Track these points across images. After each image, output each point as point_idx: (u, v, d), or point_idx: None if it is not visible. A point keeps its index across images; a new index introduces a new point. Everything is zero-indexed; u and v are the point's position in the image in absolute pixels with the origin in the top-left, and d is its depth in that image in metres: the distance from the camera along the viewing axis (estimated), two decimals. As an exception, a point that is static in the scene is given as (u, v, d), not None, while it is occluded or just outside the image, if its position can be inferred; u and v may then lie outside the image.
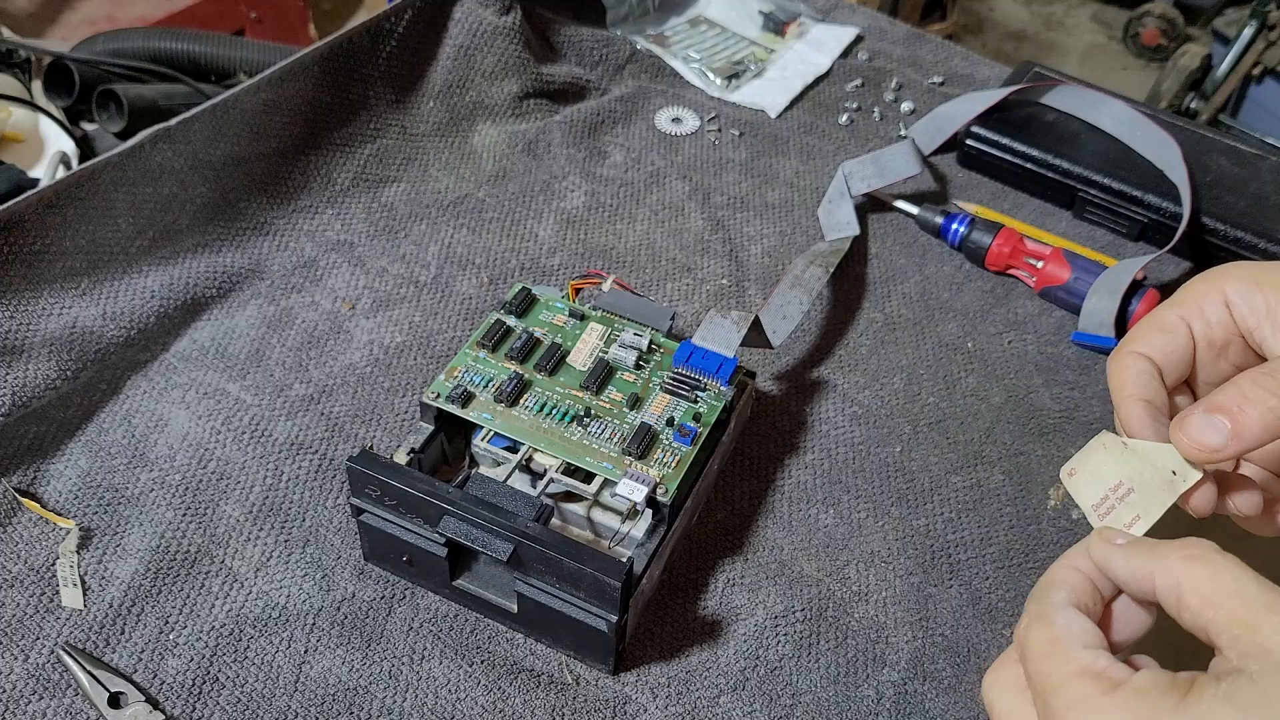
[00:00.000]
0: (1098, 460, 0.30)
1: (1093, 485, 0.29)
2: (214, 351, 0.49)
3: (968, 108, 0.62)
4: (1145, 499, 0.28)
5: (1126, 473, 0.29)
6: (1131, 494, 0.29)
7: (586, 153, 0.61)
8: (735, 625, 0.40)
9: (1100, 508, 0.29)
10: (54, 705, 0.36)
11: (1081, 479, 0.30)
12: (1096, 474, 0.29)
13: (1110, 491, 0.29)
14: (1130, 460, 0.29)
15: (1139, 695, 0.23)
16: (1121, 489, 0.29)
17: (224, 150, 0.54)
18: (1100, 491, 0.29)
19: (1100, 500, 0.29)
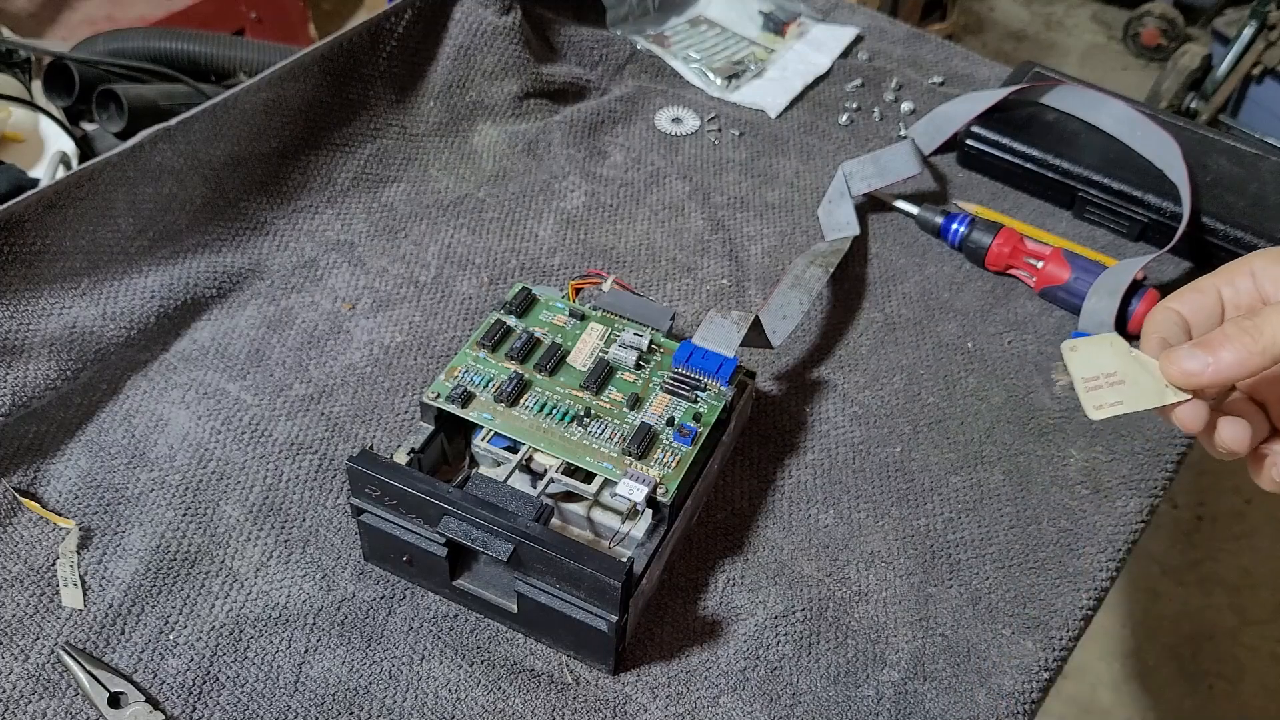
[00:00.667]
0: (1101, 350, 0.34)
1: (1088, 366, 0.33)
2: (214, 351, 0.49)
3: (968, 108, 0.62)
4: (1133, 392, 0.33)
5: (1123, 368, 0.33)
6: (1121, 384, 0.33)
7: (586, 153, 0.61)
8: (735, 625, 0.40)
9: (1090, 383, 0.33)
10: (54, 705, 0.36)
11: (1080, 357, 0.34)
12: (1095, 359, 0.34)
13: (1103, 375, 0.33)
14: (1131, 363, 0.33)
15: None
16: (1114, 378, 0.33)
17: (224, 150, 0.54)
18: (1093, 372, 0.33)
19: (1091, 378, 0.33)
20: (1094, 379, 0.33)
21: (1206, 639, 1.04)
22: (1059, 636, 0.41)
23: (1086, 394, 0.33)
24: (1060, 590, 0.42)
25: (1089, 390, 0.33)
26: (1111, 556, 0.44)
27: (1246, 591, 1.09)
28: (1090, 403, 0.33)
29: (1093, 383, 0.33)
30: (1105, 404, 0.33)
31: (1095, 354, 0.34)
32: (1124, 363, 0.33)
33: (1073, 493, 0.46)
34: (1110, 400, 0.33)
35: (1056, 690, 0.86)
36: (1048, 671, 0.40)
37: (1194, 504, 1.16)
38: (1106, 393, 0.33)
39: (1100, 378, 0.33)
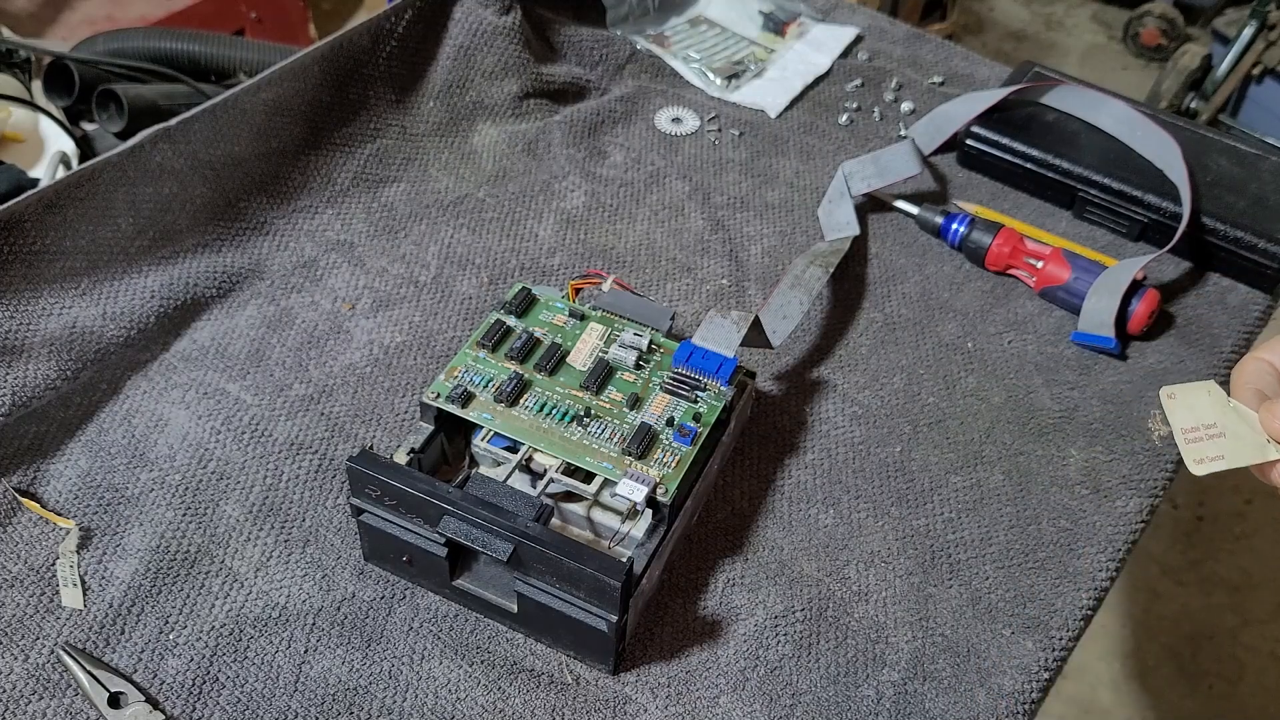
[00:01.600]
0: (1199, 398, 0.34)
1: (1188, 416, 0.33)
2: (214, 351, 0.49)
3: (968, 108, 0.62)
4: (1233, 447, 0.33)
5: (1222, 419, 0.33)
6: (1221, 437, 0.33)
7: (586, 153, 0.61)
8: (735, 625, 0.40)
9: (1189, 434, 0.33)
10: (54, 705, 0.36)
11: (1179, 405, 0.34)
12: (1194, 408, 0.33)
13: (1202, 426, 0.33)
14: (1229, 413, 0.33)
15: None
16: (1214, 429, 0.33)
17: (224, 150, 0.54)
18: (1192, 422, 0.33)
19: (1191, 429, 0.33)
20: (1194, 430, 0.33)
21: (1206, 639, 1.04)
22: (1059, 636, 0.41)
23: (1188, 446, 0.33)
24: (1060, 590, 0.42)
25: (1189, 443, 0.33)
26: (1111, 556, 0.44)
27: (1246, 591, 1.09)
28: (1192, 455, 0.33)
29: (1193, 434, 0.33)
30: (1207, 458, 0.33)
31: (1194, 402, 0.34)
32: (1222, 413, 0.33)
33: (1073, 493, 0.46)
34: (1211, 454, 0.33)
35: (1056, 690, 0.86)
36: (1048, 671, 0.40)
37: (1194, 504, 1.16)
38: (1207, 446, 0.33)
39: (1200, 429, 0.33)
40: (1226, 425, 0.33)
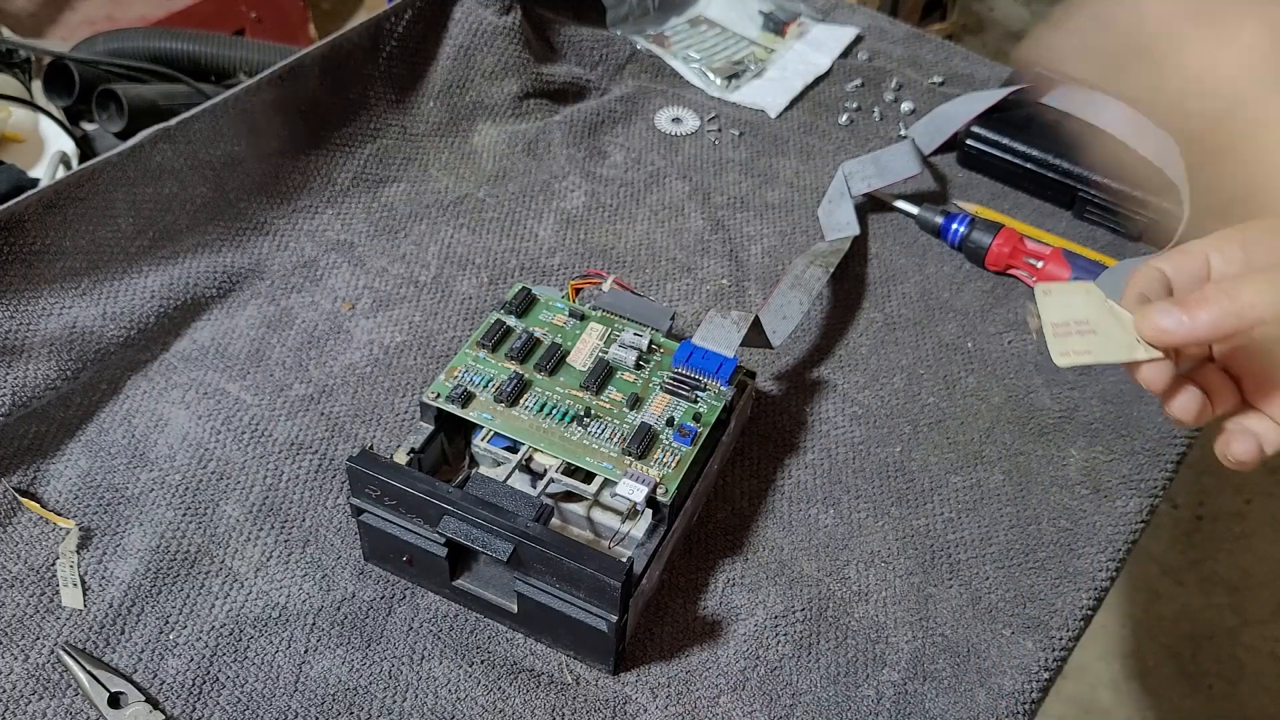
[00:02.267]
0: (1076, 297, 0.33)
1: (1061, 311, 0.33)
2: (214, 351, 0.49)
3: (968, 108, 0.62)
4: (1103, 344, 0.32)
5: (1096, 318, 0.32)
6: (1092, 334, 0.32)
7: (586, 153, 0.61)
8: (735, 625, 0.40)
9: (1060, 329, 0.33)
10: (54, 705, 0.36)
11: (1053, 301, 0.33)
12: (1069, 305, 0.33)
13: (1074, 323, 0.32)
14: (1105, 314, 0.32)
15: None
16: (1085, 326, 0.32)
17: (224, 150, 0.54)
18: (1064, 317, 0.33)
19: (1062, 323, 0.33)
20: (1064, 325, 0.32)
21: (1206, 639, 1.04)
22: (1059, 636, 0.41)
23: (1055, 339, 0.32)
24: (1060, 590, 0.42)
25: (1058, 336, 0.32)
26: (1111, 556, 0.44)
27: (1246, 591, 1.09)
28: (1057, 348, 0.32)
29: (1062, 329, 0.32)
30: (1073, 351, 0.32)
31: (1070, 300, 0.33)
32: (1098, 313, 0.32)
33: (1073, 493, 0.46)
34: (1079, 348, 0.32)
35: (1056, 690, 0.86)
36: (1048, 671, 0.40)
37: (1194, 504, 1.16)
38: (1076, 340, 0.32)
39: (1071, 324, 0.32)
40: (1099, 324, 0.32)
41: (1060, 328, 0.33)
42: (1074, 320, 0.32)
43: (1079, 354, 0.32)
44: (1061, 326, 0.33)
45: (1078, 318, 0.32)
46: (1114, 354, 0.32)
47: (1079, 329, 0.32)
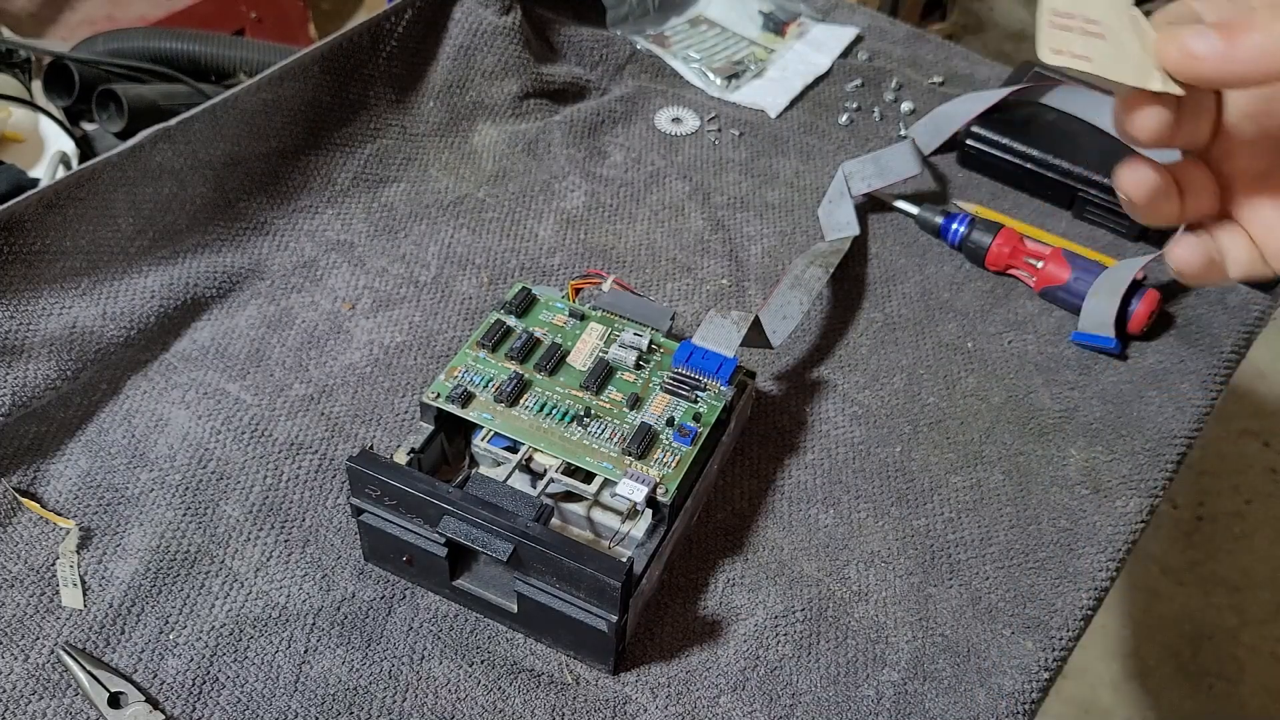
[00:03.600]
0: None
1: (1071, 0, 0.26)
2: (214, 351, 0.49)
3: (968, 108, 0.62)
4: (1109, 54, 0.26)
5: (1111, 21, 0.26)
6: (1099, 39, 0.26)
7: (586, 153, 0.61)
8: (735, 625, 0.41)
9: (1061, 19, 0.26)
10: (54, 705, 0.36)
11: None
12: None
13: (1082, 17, 0.26)
14: (1124, 20, 0.26)
15: None
16: (1093, 26, 0.26)
17: (224, 150, 0.54)
18: (1071, 7, 0.26)
19: (1065, 14, 0.26)
20: (1069, 16, 0.26)
21: (1206, 639, 1.04)
22: (1059, 636, 0.41)
23: (1049, 30, 0.26)
24: (1060, 590, 0.42)
25: (1054, 27, 0.26)
26: (1111, 556, 0.44)
27: (1246, 591, 1.09)
28: (1050, 41, 0.26)
29: (1064, 20, 0.26)
30: (1069, 51, 0.26)
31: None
32: (1116, 17, 0.26)
33: (1073, 493, 0.46)
34: (1077, 50, 0.26)
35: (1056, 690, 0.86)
36: (1048, 671, 0.40)
37: (1194, 504, 1.16)
38: (1076, 39, 0.26)
39: (1078, 19, 0.26)
40: (1113, 30, 0.26)
41: (1062, 18, 0.26)
42: (1083, 15, 0.26)
43: (1076, 56, 0.26)
44: (1064, 17, 0.26)
45: (1089, 13, 0.26)
46: (1120, 71, 0.25)
47: (1086, 27, 0.26)
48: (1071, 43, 0.26)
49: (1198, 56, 0.24)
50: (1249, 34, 0.24)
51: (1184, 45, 0.25)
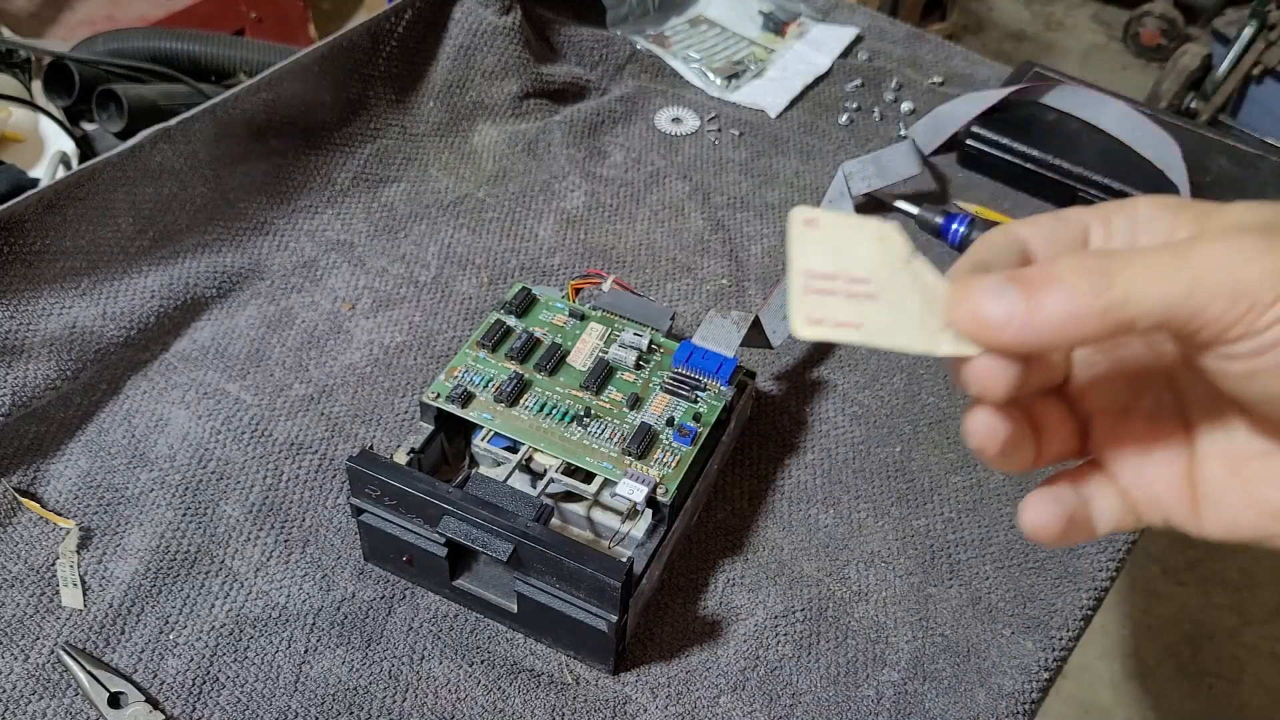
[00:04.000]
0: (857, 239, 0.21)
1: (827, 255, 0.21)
2: (214, 351, 0.49)
3: (968, 108, 0.62)
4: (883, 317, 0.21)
5: (885, 278, 0.21)
6: (871, 301, 0.21)
7: (586, 153, 0.61)
8: (735, 625, 0.40)
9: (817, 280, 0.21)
10: (54, 705, 0.36)
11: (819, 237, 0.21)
12: (843, 249, 0.21)
13: (847, 279, 0.21)
14: (900, 274, 0.21)
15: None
16: (863, 286, 0.21)
17: (224, 150, 0.54)
18: (831, 266, 0.21)
19: (823, 274, 0.21)
20: (829, 277, 0.21)
21: (1206, 639, 1.04)
22: (1059, 636, 0.41)
23: (804, 296, 0.20)
24: (1060, 590, 0.42)
25: (811, 292, 0.20)
26: (1111, 556, 0.44)
27: (1246, 591, 1.09)
28: (805, 309, 0.20)
29: (824, 282, 0.21)
30: (829, 319, 0.20)
31: (847, 241, 0.21)
32: (891, 270, 0.21)
33: (1073, 493, 0.46)
34: (842, 316, 0.20)
35: (1056, 690, 0.86)
36: (1048, 671, 0.40)
37: (1194, 504, 1.16)
38: (840, 304, 0.20)
39: (840, 278, 0.21)
40: (888, 286, 0.21)
41: (821, 280, 0.21)
42: (849, 273, 0.21)
43: (840, 325, 0.20)
44: (824, 279, 0.21)
45: (856, 270, 0.21)
46: (900, 337, 0.21)
47: (853, 288, 0.21)
48: (834, 309, 0.21)
49: (993, 324, 0.20)
50: (1051, 290, 0.19)
51: (977, 309, 0.20)
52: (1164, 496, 0.23)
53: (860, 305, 0.21)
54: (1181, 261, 0.19)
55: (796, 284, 0.21)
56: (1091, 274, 0.19)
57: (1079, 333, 0.20)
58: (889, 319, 0.21)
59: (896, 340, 0.21)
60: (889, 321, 0.21)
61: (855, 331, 0.21)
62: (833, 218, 0.21)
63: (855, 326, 0.21)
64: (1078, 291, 0.19)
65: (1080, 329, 0.19)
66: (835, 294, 0.21)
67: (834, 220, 0.21)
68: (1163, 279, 0.19)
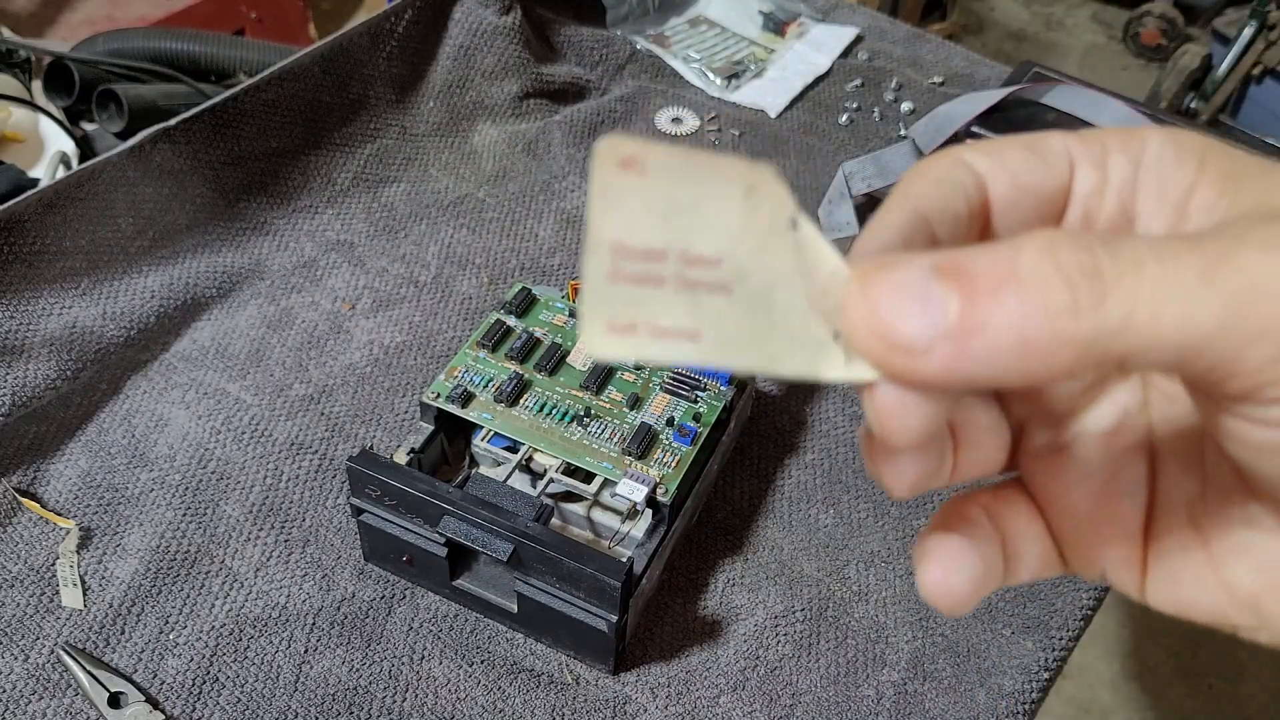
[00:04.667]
0: (710, 191, 0.13)
1: (653, 218, 0.13)
2: (214, 351, 0.49)
3: (968, 108, 0.62)
4: (739, 324, 0.13)
5: (747, 258, 0.14)
6: (720, 296, 0.13)
7: (586, 153, 0.61)
8: (735, 625, 0.40)
9: (629, 261, 0.13)
10: (54, 705, 0.36)
11: (643, 187, 0.13)
12: (683, 207, 0.13)
13: (682, 258, 0.13)
14: (774, 250, 0.14)
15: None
16: (708, 271, 0.13)
17: (224, 150, 0.54)
18: (660, 238, 0.13)
19: (643, 250, 0.13)
20: (651, 254, 0.13)
21: (1206, 639, 1.04)
22: (1059, 636, 0.41)
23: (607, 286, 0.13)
24: (1060, 590, 0.42)
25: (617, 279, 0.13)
26: (1111, 556, 0.44)
27: (1246, 591, 1.08)
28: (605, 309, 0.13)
29: (641, 264, 0.13)
30: (643, 326, 0.13)
31: (689, 195, 0.13)
32: (755, 246, 0.14)
33: (1073, 493, 0.46)
34: (664, 321, 0.13)
35: (1056, 690, 0.86)
36: (1048, 671, 0.40)
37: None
38: (667, 301, 0.13)
39: (671, 258, 0.13)
40: (750, 273, 0.14)
41: (634, 260, 0.13)
42: (683, 249, 0.13)
43: (659, 336, 0.13)
44: (639, 258, 0.13)
45: (697, 246, 0.13)
46: (758, 356, 0.14)
47: (690, 274, 0.13)
48: (656, 309, 0.13)
49: (907, 346, 0.13)
50: (1006, 297, 0.13)
51: (883, 319, 0.13)
52: (1105, 547, 0.17)
53: (701, 302, 0.13)
54: (1212, 279, 0.12)
55: (596, 265, 0.13)
56: (1073, 278, 0.13)
57: (1043, 368, 0.13)
58: (745, 325, 0.13)
59: (753, 360, 0.13)
60: (746, 329, 0.13)
61: (689, 346, 0.13)
62: (668, 155, 0.13)
63: (689, 338, 0.13)
64: (1048, 304, 0.12)
65: (1045, 363, 0.13)
66: (661, 283, 0.13)
67: (669, 161, 0.13)
68: (1183, 304, 0.12)
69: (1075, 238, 0.13)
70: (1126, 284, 0.13)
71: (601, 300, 0.13)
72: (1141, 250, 0.13)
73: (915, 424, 0.14)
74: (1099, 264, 0.13)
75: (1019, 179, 0.16)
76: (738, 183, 0.14)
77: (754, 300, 0.14)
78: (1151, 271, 0.13)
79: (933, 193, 0.16)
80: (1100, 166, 0.16)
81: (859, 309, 0.13)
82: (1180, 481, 0.17)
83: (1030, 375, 0.13)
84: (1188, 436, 0.17)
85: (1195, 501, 0.17)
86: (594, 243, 0.13)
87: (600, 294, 0.13)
